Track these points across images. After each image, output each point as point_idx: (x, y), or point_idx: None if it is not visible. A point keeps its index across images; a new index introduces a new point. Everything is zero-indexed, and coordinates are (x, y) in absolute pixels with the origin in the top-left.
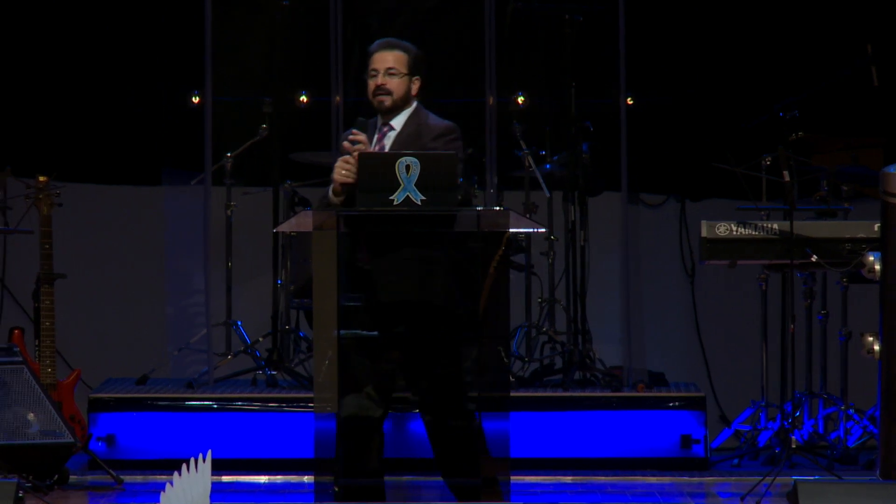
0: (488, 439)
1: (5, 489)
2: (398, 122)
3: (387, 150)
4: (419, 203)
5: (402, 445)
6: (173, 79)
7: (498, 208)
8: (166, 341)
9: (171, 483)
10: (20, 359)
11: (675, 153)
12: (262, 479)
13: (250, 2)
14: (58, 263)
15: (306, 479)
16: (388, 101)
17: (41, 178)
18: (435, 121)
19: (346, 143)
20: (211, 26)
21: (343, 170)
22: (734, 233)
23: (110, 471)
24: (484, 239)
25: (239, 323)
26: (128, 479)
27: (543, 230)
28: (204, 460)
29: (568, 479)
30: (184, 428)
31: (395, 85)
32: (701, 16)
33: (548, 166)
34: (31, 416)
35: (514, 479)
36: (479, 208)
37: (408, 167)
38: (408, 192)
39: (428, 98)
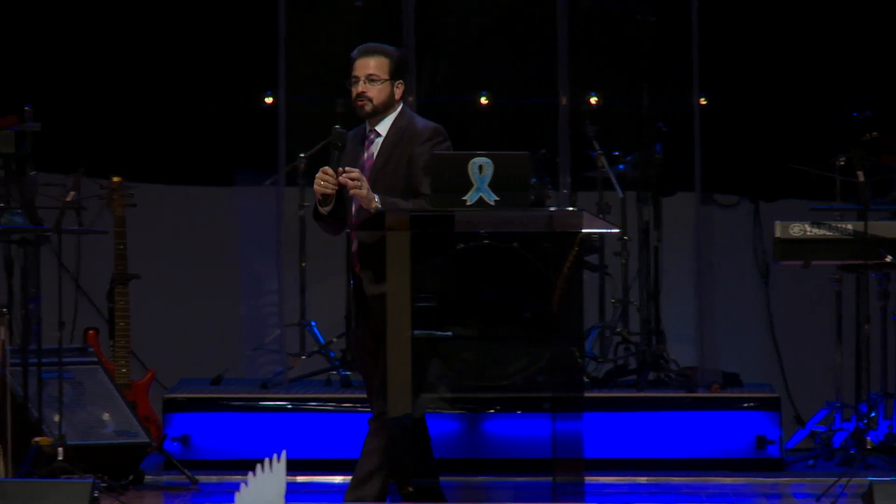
0: (562, 440)
1: (81, 489)
2: (383, 127)
3: (374, 156)
4: (492, 203)
5: (475, 446)
6: (247, 79)
7: (571, 209)
8: (240, 341)
9: (246, 483)
10: (95, 359)
11: (749, 153)
12: (337, 479)
13: (324, 3)
14: (132, 264)
15: None
16: (368, 106)
17: (115, 179)
18: (421, 124)
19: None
20: (285, 27)
21: (321, 181)
22: (808, 233)
23: (185, 471)
24: (557, 239)
25: (313, 323)
26: (202, 479)
27: (617, 230)
28: (279, 460)
29: (642, 479)
30: (258, 428)
31: (376, 91)
32: (774, 15)
33: (621, 167)
34: (105, 416)
35: (589, 479)
36: (552, 209)
37: (481, 167)
38: (481, 192)
39: (501, 98)
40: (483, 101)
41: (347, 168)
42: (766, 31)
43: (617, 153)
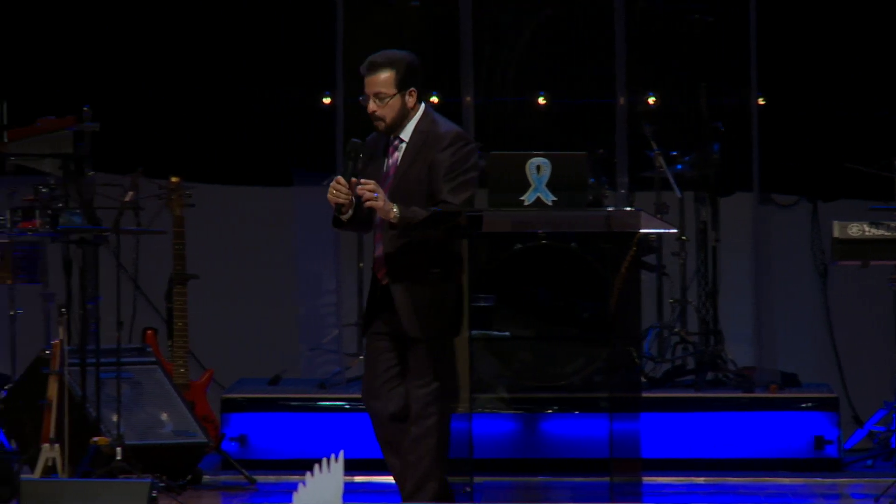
0: (620, 440)
1: (139, 489)
2: (406, 133)
3: (398, 162)
4: (550, 204)
5: (532, 446)
6: (306, 80)
7: (629, 209)
8: (298, 341)
9: (304, 483)
10: (153, 359)
11: (807, 153)
12: (393, 478)
13: (381, 2)
14: (190, 264)
15: None
16: (382, 125)
17: (173, 179)
18: (445, 128)
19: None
20: (342, 27)
21: (334, 190)
22: (866, 233)
23: (243, 471)
24: (614, 240)
25: None
26: (260, 479)
27: (674, 231)
28: (336, 460)
29: (700, 479)
30: (316, 428)
31: (387, 109)
32: (832, 15)
33: (679, 167)
34: (164, 416)
35: (646, 479)
36: (610, 209)
37: (538, 168)
38: (538, 192)
39: (558, 99)
40: (541, 101)
41: (363, 180)
42: (824, 30)
43: (675, 153)
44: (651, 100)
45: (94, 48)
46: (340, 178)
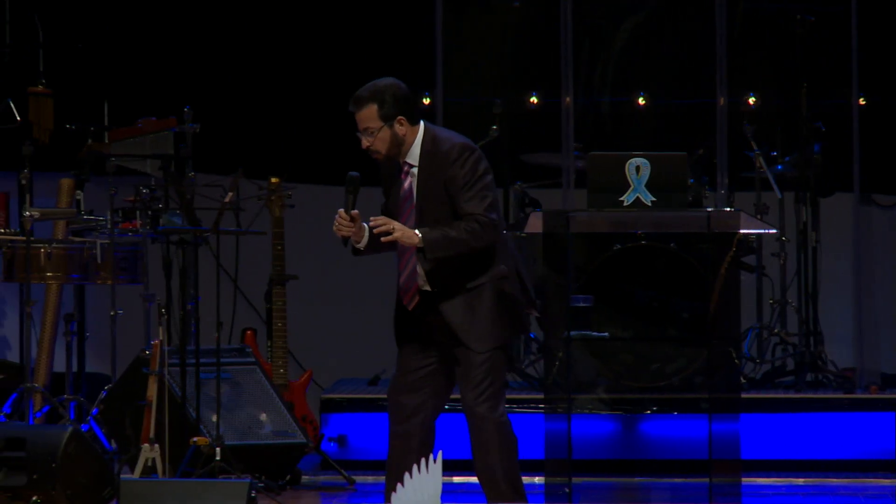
0: (719, 441)
1: (238, 489)
2: (414, 157)
3: (414, 189)
4: (649, 204)
5: (631, 447)
6: (404, 80)
7: (729, 209)
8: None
9: (402, 483)
10: (253, 360)
11: None
12: None
13: (481, 3)
14: (290, 264)
15: (537, 479)
16: (380, 158)
17: (273, 180)
18: (447, 144)
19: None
20: (442, 28)
21: (337, 223)
22: None
23: (342, 471)
24: (714, 240)
25: None
26: (359, 479)
27: (774, 231)
28: (435, 461)
29: (800, 481)
30: None
31: (378, 143)
32: None
33: (779, 167)
34: (263, 416)
35: (745, 480)
36: (709, 209)
37: (638, 168)
38: (638, 192)
39: (657, 99)
40: (641, 101)
41: (373, 218)
42: None
43: (775, 153)
44: (751, 100)
45: (195, 49)
46: (342, 212)
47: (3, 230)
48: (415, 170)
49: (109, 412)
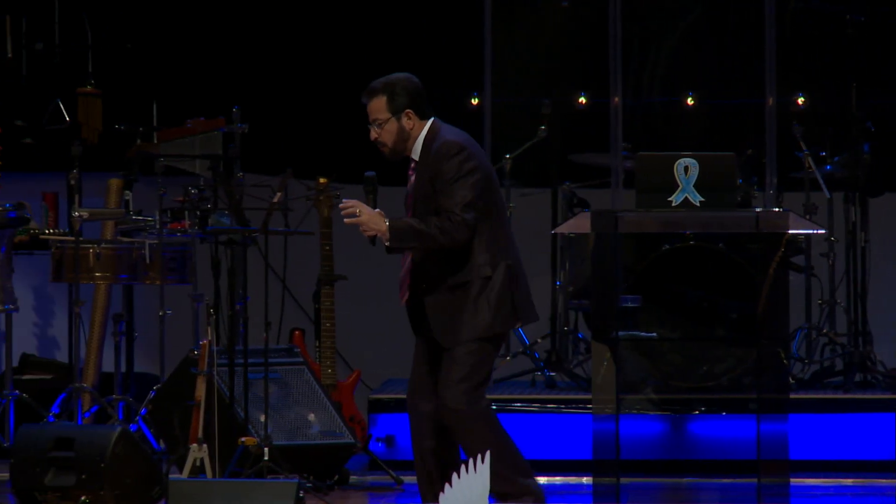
0: (767, 441)
1: (286, 489)
2: (416, 153)
3: (415, 183)
4: (698, 204)
5: (680, 447)
6: (453, 81)
7: (777, 209)
8: None
9: (450, 484)
10: (301, 360)
11: None
12: (541, 480)
13: (530, 4)
14: (338, 265)
15: (585, 480)
16: (386, 150)
17: (321, 180)
18: (440, 140)
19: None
20: (490, 28)
21: (362, 228)
22: None
23: (390, 471)
24: (763, 240)
25: None
26: (407, 479)
27: (823, 231)
28: (482, 461)
29: (848, 481)
30: None
31: (386, 135)
32: None
33: (828, 167)
34: (311, 416)
35: (794, 481)
36: (758, 209)
37: (686, 168)
38: (686, 193)
39: (706, 99)
40: (689, 101)
41: (345, 200)
42: None
43: (824, 153)
44: (800, 100)
45: (244, 49)
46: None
47: (51, 230)
48: (417, 166)
49: (158, 412)
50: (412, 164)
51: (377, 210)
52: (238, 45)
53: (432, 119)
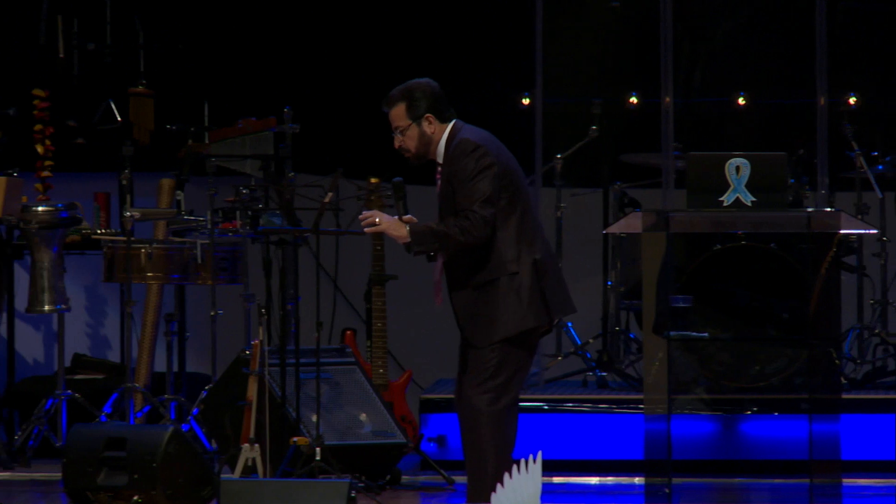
0: (819, 441)
1: (338, 489)
2: (440, 156)
3: (440, 187)
4: (749, 204)
5: (731, 447)
6: (504, 81)
7: (829, 209)
8: None
9: (502, 484)
10: (352, 360)
11: None
12: (594, 480)
13: (580, 4)
14: (389, 264)
15: (637, 480)
16: (410, 156)
17: (372, 180)
18: (457, 141)
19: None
20: (541, 28)
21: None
22: None
23: (441, 471)
24: (814, 240)
25: (569, 324)
26: (459, 479)
27: (875, 231)
28: (534, 461)
29: None
30: None
31: (408, 141)
32: None
33: (880, 167)
34: (363, 416)
35: (846, 481)
36: (809, 209)
37: (738, 168)
38: (738, 193)
39: (757, 99)
40: (740, 101)
41: (365, 212)
42: None
43: (876, 153)
44: (852, 100)
45: (295, 49)
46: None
47: (103, 230)
48: (442, 169)
49: (209, 412)
50: (438, 169)
51: (399, 216)
52: (289, 45)
53: (454, 121)
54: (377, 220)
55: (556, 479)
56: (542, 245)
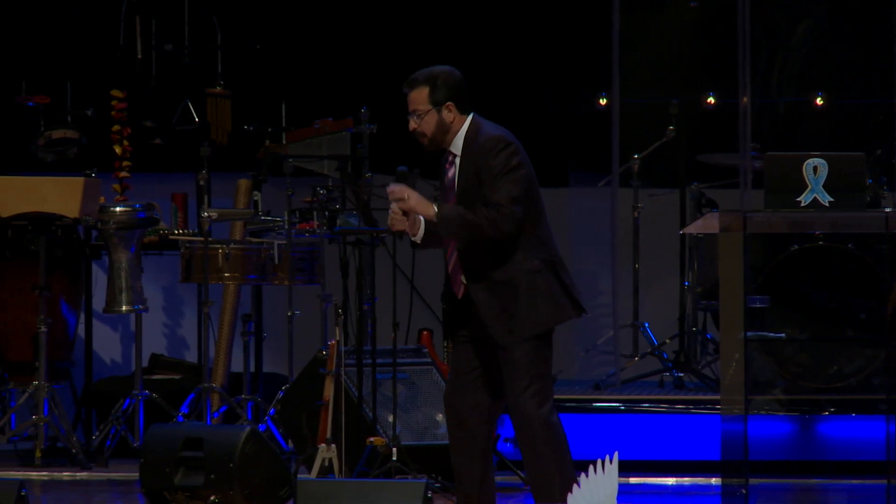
0: None
1: (414, 489)
2: (457, 147)
3: (456, 178)
4: (826, 204)
5: (809, 448)
6: (582, 81)
7: None
8: (573, 342)
9: (578, 484)
10: (429, 360)
11: None
12: (669, 480)
13: (658, 4)
14: None
15: (713, 480)
16: (425, 141)
17: None
18: (486, 135)
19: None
20: (619, 28)
21: (392, 218)
22: None
23: (518, 472)
24: (893, 240)
25: (646, 324)
26: None
27: None
28: (611, 461)
29: None
30: (590, 429)
31: (425, 125)
32: None
33: None
34: (439, 416)
35: None
36: (887, 210)
37: (815, 168)
38: (815, 193)
39: (835, 99)
40: (818, 101)
41: (392, 185)
42: None
43: None
44: None
45: (372, 49)
46: (394, 206)
47: (181, 231)
48: (458, 159)
49: (286, 412)
50: (449, 158)
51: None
52: (366, 45)
53: (472, 114)
54: (406, 195)
55: (633, 480)
56: (555, 248)
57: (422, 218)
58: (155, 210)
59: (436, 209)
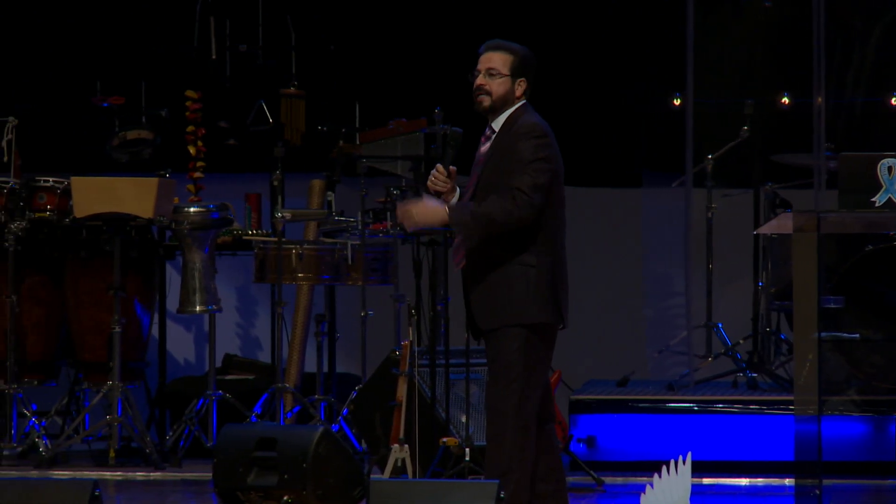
0: None
1: (487, 490)
2: (498, 123)
3: (488, 153)
4: None
5: (883, 449)
6: (656, 81)
7: None
8: (645, 343)
9: (651, 485)
10: None
11: None
12: (743, 481)
13: (732, 4)
14: None
15: (787, 481)
16: (486, 100)
17: None
18: (525, 120)
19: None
20: (693, 28)
21: (433, 178)
22: None
23: (590, 472)
24: None
25: (720, 325)
26: (608, 480)
27: None
28: (684, 462)
29: None
30: (664, 429)
31: (495, 86)
32: None
33: None
34: None
35: None
36: None
37: (890, 168)
38: (890, 193)
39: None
40: (893, 101)
41: (436, 170)
42: None
43: None
44: None
45: (445, 50)
46: (440, 167)
47: (255, 231)
48: (494, 136)
49: (359, 412)
50: (487, 132)
51: (445, 166)
52: (441, 45)
53: (525, 101)
54: (413, 216)
55: (706, 481)
56: (562, 251)
57: (454, 187)
58: (229, 210)
59: (445, 212)
